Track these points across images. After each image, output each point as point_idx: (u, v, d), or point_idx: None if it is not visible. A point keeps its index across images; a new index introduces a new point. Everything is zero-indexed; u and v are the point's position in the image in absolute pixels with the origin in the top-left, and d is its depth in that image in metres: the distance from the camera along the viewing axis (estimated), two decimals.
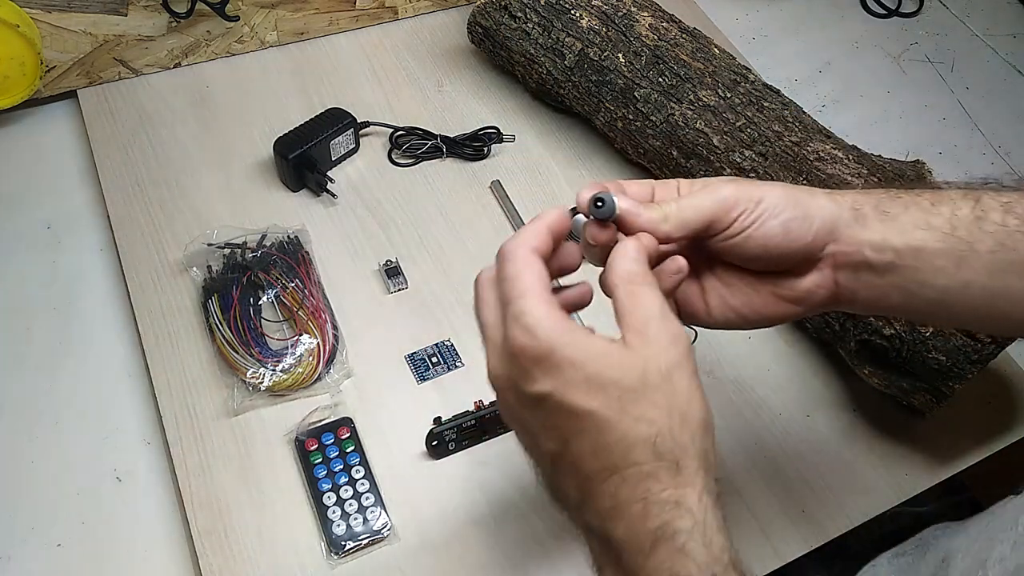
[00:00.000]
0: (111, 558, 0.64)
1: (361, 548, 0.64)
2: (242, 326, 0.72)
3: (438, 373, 0.74)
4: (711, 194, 0.46)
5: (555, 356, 0.39)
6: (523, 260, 0.42)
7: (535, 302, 0.40)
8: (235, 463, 0.67)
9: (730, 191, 0.46)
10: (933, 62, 1.11)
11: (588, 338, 0.40)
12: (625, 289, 0.42)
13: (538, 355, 0.39)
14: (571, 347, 0.39)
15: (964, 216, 0.45)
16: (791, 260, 0.47)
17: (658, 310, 0.41)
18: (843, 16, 1.15)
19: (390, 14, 1.01)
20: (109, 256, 0.80)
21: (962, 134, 1.02)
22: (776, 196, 0.46)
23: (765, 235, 0.46)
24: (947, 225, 0.45)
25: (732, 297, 0.50)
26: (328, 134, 0.84)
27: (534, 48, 0.88)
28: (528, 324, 0.39)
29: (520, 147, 0.91)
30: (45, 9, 0.83)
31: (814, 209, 0.46)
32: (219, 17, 0.91)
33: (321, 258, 0.80)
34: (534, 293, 0.40)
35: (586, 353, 0.39)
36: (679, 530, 0.38)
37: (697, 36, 0.86)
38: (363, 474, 0.67)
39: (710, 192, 0.46)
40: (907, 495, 0.71)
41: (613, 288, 0.42)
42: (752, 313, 0.50)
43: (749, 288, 0.49)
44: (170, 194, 0.83)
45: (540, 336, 0.39)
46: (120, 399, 0.72)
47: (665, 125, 0.82)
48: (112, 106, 0.89)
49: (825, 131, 0.81)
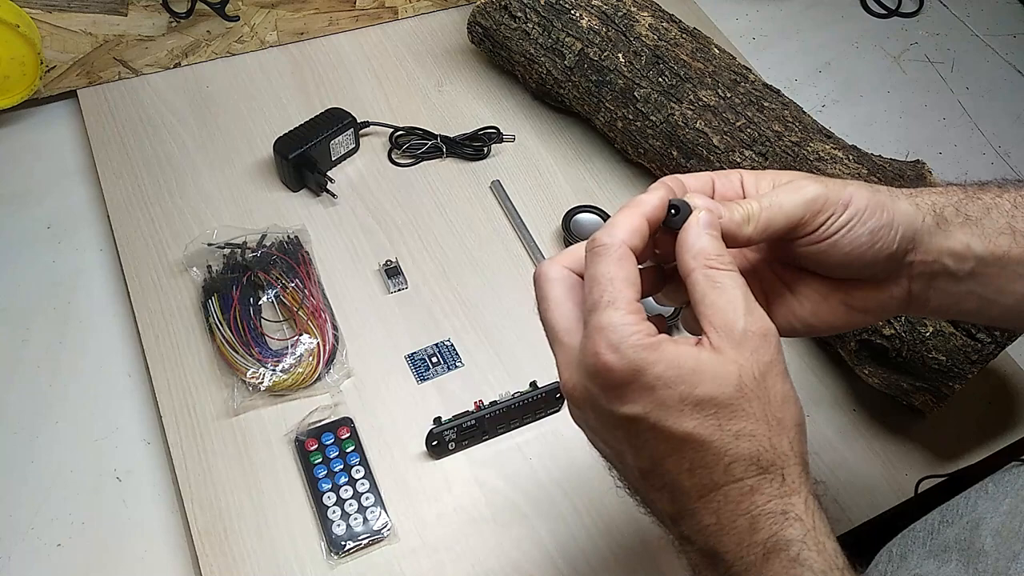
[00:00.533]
0: (111, 558, 0.64)
1: (361, 548, 0.64)
2: (242, 326, 0.72)
3: (438, 373, 0.74)
4: (798, 192, 0.42)
5: (646, 376, 0.36)
6: (616, 259, 0.38)
7: (623, 314, 0.37)
8: (235, 463, 0.67)
9: (818, 190, 0.41)
10: (933, 62, 1.11)
11: (677, 350, 0.37)
12: (703, 274, 0.38)
13: (626, 376, 0.36)
14: (661, 364, 0.36)
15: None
16: (872, 270, 0.44)
17: (743, 303, 0.37)
18: (843, 16, 1.15)
19: (390, 14, 1.01)
20: (109, 256, 0.80)
21: (962, 134, 1.02)
22: (863, 198, 0.42)
23: (852, 242, 0.42)
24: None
25: (800, 306, 0.46)
26: (328, 134, 0.84)
27: (534, 48, 0.88)
28: (615, 341, 0.36)
29: (520, 147, 0.91)
30: (45, 9, 0.83)
31: (898, 215, 0.43)
32: (219, 17, 0.91)
33: (321, 258, 0.80)
34: (624, 302, 0.37)
35: (678, 370, 0.36)
36: (791, 539, 0.36)
37: (697, 36, 0.86)
38: (363, 474, 0.67)
39: (796, 191, 0.42)
40: (907, 495, 0.71)
41: (689, 272, 0.39)
42: (819, 323, 0.46)
43: (819, 296, 0.46)
44: (170, 194, 0.83)
45: (629, 355, 0.36)
46: (120, 399, 0.72)
47: (665, 125, 0.82)
48: (112, 106, 0.89)
49: (825, 131, 0.81)
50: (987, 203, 0.44)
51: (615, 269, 0.38)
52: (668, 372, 0.36)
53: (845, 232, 0.42)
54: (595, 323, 0.37)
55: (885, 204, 0.42)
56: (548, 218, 0.85)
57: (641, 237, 0.39)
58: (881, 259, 0.43)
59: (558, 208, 0.85)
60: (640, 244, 0.39)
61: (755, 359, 0.37)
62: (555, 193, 0.88)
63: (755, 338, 0.37)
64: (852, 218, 0.42)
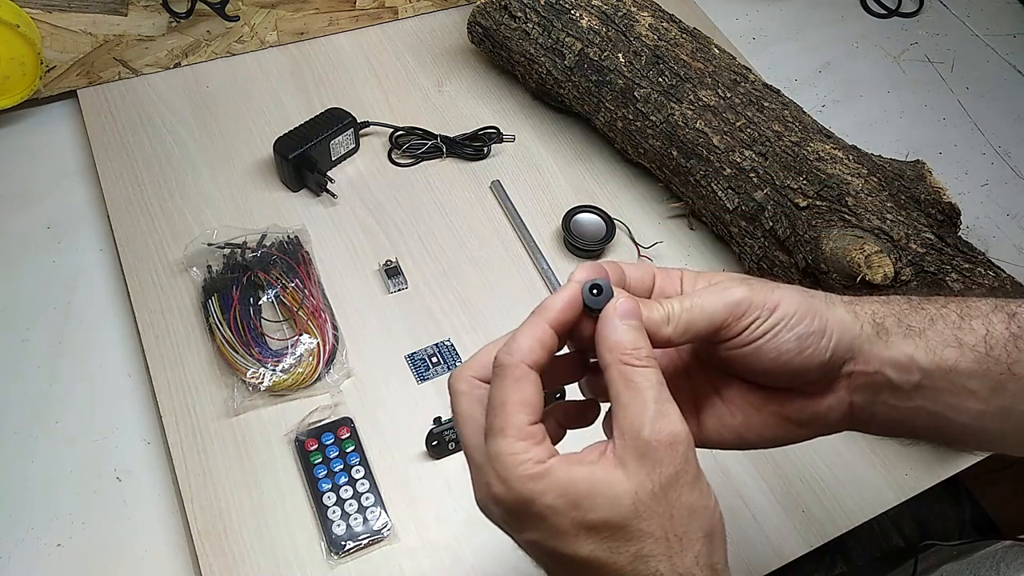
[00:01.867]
0: (111, 558, 0.64)
1: (361, 548, 0.64)
2: (242, 326, 0.72)
3: (438, 373, 0.74)
4: (721, 295, 0.40)
5: (535, 507, 0.35)
6: (513, 382, 0.37)
7: (511, 442, 0.36)
8: (235, 463, 0.67)
9: (743, 293, 0.40)
10: (933, 62, 1.11)
11: (570, 474, 0.35)
12: (618, 370, 0.37)
13: (515, 507, 0.36)
14: (550, 494, 0.35)
15: (999, 334, 0.41)
16: (804, 378, 0.42)
17: (653, 406, 0.36)
18: (843, 16, 1.15)
19: (390, 14, 1.01)
20: (109, 256, 0.80)
21: (962, 134, 1.02)
22: (792, 304, 0.40)
23: (778, 348, 0.40)
24: (981, 344, 0.41)
25: (731, 416, 0.44)
26: (328, 134, 0.84)
27: (534, 48, 0.88)
28: (502, 473, 0.36)
29: (520, 147, 0.91)
30: (45, 9, 0.83)
31: (832, 322, 0.41)
32: (219, 17, 0.91)
33: (321, 258, 0.80)
34: (513, 429, 0.36)
35: (569, 496, 0.35)
36: None
37: (697, 36, 0.86)
38: (363, 474, 0.67)
39: (720, 293, 0.40)
40: (907, 495, 0.71)
41: (606, 366, 0.37)
42: (751, 435, 0.44)
43: (751, 407, 0.44)
44: (170, 194, 0.83)
45: (516, 487, 0.36)
46: (120, 399, 0.72)
47: (665, 125, 0.82)
48: (112, 106, 0.89)
49: (825, 131, 0.81)
50: (932, 313, 0.42)
51: (509, 393, 0.37)
52: (558, 501, 0.35)
53: (770, 337, 0.40)
54: (488, 451, 0.37)
55: (818, 310, 0.41)
56: (548, 218, 0.85)
57: (544, 347, 0.38)
58: (812, 367, 0.41)
59: (558, 208, 0.85)
60: (545, 355, 0.38)
61: (658, 473, 0.35)
62: (555, 193, 0.88)
63: (660, 448, 0.35)
64: (778, 323, 0.40)
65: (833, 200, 0.74)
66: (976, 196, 0.96)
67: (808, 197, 0.75)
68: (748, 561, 0.66)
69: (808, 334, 0.40)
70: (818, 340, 0.40)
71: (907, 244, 0.70)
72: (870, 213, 0.72)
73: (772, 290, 0.40)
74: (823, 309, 0.41)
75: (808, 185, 0.75)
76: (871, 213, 0.72)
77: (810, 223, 0.74)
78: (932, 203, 0.75)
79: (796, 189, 0.75)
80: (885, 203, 0.73)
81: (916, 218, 0.73)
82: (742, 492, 0.69)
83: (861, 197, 0.73)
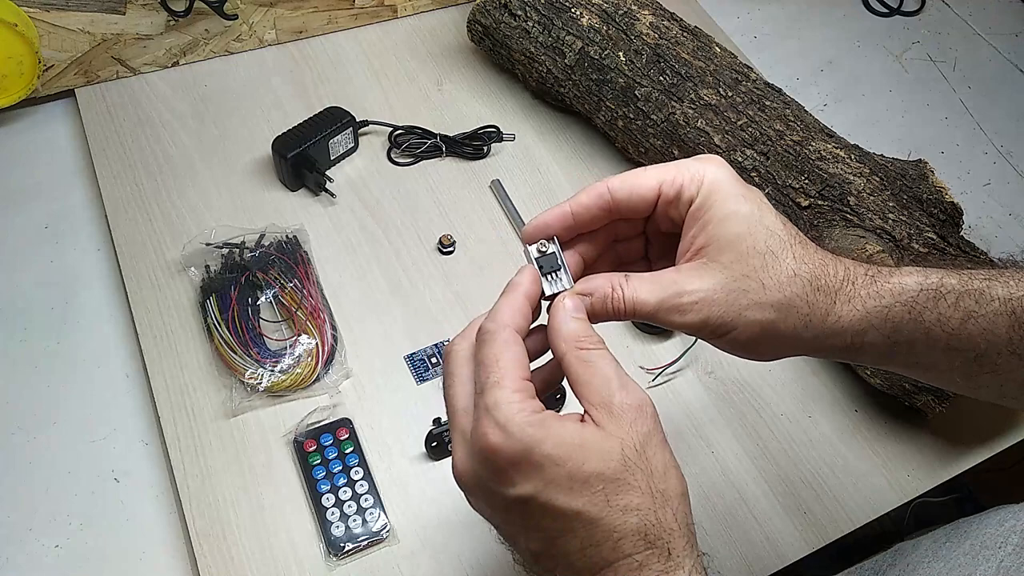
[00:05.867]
0: (109, 559, 0.64)
1: (360, 550, 0.63)
2: (240, 326, 0.71)
3: (438, 373, 0.73)
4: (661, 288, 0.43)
5: (534, 455, 0.37)
6: (502, 343, 0.40)
7: (509, 392, 0.38)
8: (233, 464, 0.67)
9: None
10: (935, 61, 1.10)
11: (563, 427, 0.38)
12: (575, 356, 0.40)
13: (514, 456, 0.37)
14: (549, 442, 0.37)
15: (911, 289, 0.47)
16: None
17: (616, 379, 0.39)
18: (845, 15, 1.15)
19: (389, 12, 1.01)
20: (107, 256, 0.80)
21: (964, 133, 1.02)
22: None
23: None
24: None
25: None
26: (327, 133, 0.83)
27: (534, 46, 0.88)
28: (501, 420, 0.37)
29: (520, 146, 0.91)
30: (43, 8, 0.83)
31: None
32: (217, 15, 0.90)
33: (320, 258, 0.79)
34: (510, 380, 0.38)
35: (565, 447, 0.37)
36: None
37: (698, 35, 0.86)
38: (362, 475, 0.67)
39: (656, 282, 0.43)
40: (909, 496, 0.70)
41: (561, 355, 0.40)
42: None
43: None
44: (168, 193, 0.83)
45: (516, 434, 0.37)
46: (118, 399, 0.72)
47: (666, 124, 0.81)
48: (110, 105, 0.89)
49: (827, 130, 0.80)
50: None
51: (501, 351, 0.39)
52: (556, 450, 0.37)
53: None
54: (483, 404, 0.38)
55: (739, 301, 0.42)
56: None
57: (524, 316, 0.41)
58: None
59: None
60: (525, 323, 0.41)
61: (634, 431, 0.38)
62: (555, 193, 0.87)
63: (631, 411, 0.38)
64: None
65: (835, 200, 0.73)
66: (978, 196, 0.95)
67: (810, 196, 0.74)
68: (748, 562, 0.66)
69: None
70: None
71: (909, 244, 0.70)
72: (872, 213, 0.72)
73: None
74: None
75: (810, 184, 0.75)
76: (873, 213, 0.72)
77: (812, 223, 0.73)
78: (934, 203, 0.75)
79: (798, 188, 0.75)
80: (887, 203, 0.73)
81: (918, 218, 0.73)
82: (743, 492, 0.69)
83: (863, 197, 0.73)
